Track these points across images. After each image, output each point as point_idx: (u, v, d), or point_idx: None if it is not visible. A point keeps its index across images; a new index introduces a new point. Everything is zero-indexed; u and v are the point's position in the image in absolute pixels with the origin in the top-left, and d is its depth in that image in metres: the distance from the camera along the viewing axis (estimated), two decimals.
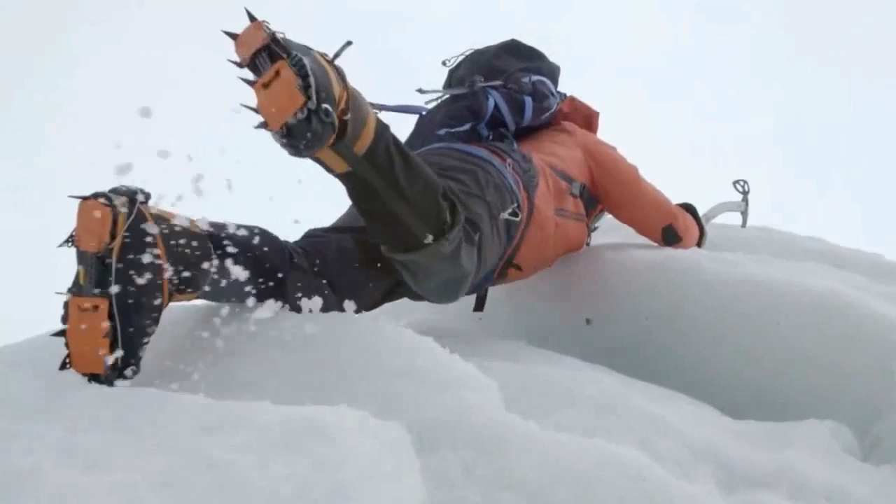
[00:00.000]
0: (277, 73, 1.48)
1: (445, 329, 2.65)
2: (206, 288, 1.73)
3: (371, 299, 2.16)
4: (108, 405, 1.21)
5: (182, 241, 1.69)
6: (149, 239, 1.61)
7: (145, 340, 1.57)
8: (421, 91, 2.66)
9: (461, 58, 2.85)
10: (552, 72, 2.88)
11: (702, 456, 1.57)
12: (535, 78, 2.73)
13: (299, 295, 1.85)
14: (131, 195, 1.60)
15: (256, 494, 0.99)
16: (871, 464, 1.74)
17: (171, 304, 1.68)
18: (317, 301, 1.83)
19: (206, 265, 1.70)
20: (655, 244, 2.89)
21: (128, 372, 1.52)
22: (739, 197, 3.70)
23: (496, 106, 2.57)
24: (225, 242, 1.77)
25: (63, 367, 1.50)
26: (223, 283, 1.74)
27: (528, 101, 2.66)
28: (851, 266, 2.72)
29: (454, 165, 2.25)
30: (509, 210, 2.22)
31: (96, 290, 1.53)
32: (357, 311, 1.94)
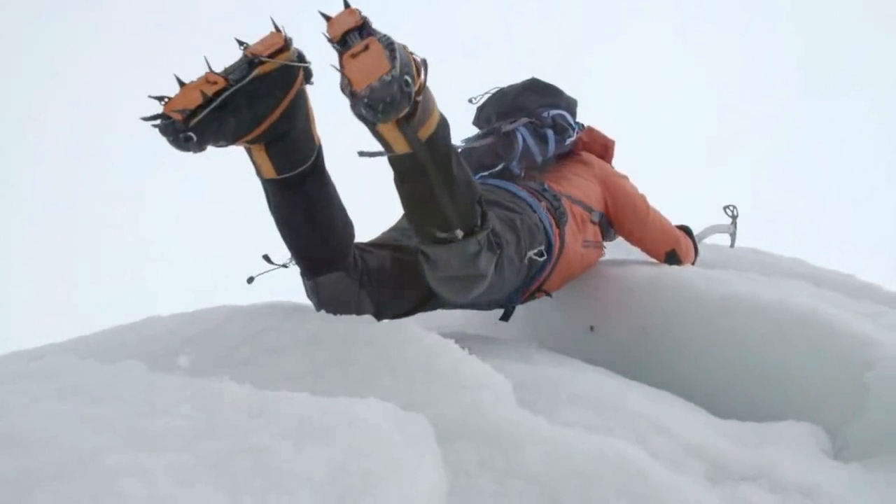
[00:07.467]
0: (367, 46, 1.52)
1: (466, 333, 2.64)
2: (276, 165, 1.79)
3: (402, 309, 2.15)
4: (166, 392, 1.19)
5: (300, 124, 1.77)
6: (288, 83, 1.71)
7: (215, 134, 1.64)
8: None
9: (486, 96, 2.85)
10: (570, 105, 2.86)
11: (692, 452, 1.55)
12: (554, 112, 2.72)
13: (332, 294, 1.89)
14: (304, 59, 1.75)
15: (293, 477, 0.98)
16: (842, 461, 1.72)
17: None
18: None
19: (295, 155, 1.79)
20: (655, 261, 2.89)
21: (190, 135, 1.58)
22: (729, 220, 3.70)
23: (524, 141, 2.56)
24: (324, 177, 1.86)
25: (160, 100, 1.61)
26: (286, 193, 1.81)
27: (551, 133, 2.65)
28: (830, 285, 2.68)
29: (499, 202, 2.23)
30: (535, 250, 2.20)
31: (228, 75, 1.64)
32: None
